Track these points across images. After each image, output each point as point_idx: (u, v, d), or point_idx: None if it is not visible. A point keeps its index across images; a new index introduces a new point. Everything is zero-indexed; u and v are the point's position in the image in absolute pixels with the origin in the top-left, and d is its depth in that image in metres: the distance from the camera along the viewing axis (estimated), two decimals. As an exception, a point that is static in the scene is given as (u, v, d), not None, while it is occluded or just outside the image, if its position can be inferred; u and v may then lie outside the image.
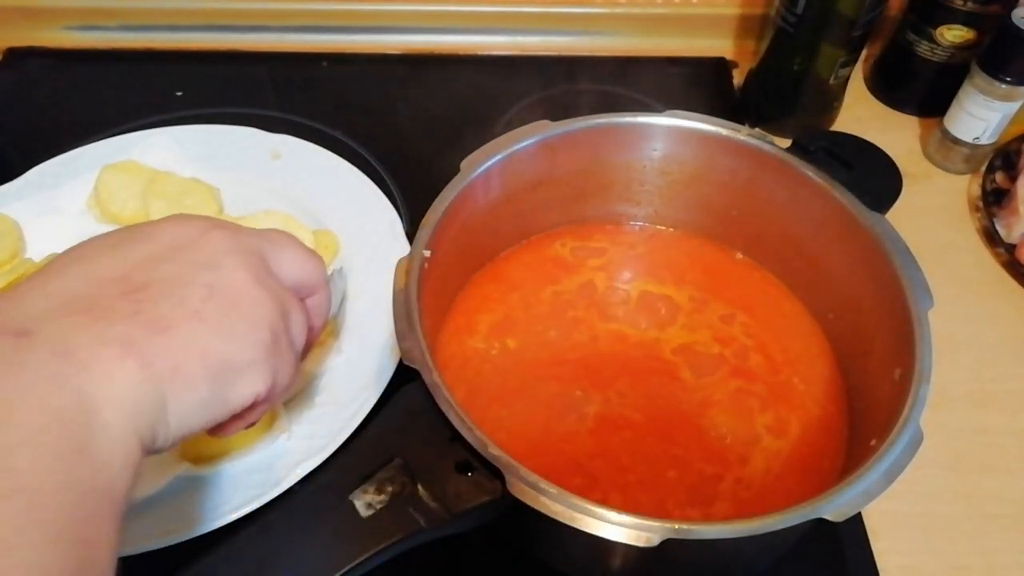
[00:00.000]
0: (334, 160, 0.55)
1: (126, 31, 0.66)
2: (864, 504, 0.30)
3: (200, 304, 0.25)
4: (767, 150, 0.42)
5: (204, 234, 0.27)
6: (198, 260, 0.26)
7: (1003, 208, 0.54)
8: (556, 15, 0.67)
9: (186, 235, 0.27)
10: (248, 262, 0.27)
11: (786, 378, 0.42)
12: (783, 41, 0.57)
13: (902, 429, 0.31)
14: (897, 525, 0.42)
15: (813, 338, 0.44)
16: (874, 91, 0.65)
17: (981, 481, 0.44)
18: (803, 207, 0.42)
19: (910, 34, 0.59)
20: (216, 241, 0.27)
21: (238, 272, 0.27)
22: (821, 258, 0.42)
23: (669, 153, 0.44)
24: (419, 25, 0.67)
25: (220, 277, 0.26)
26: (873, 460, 0.30)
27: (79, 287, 0.24)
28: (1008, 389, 0.48)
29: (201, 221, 0.28)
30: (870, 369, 0.39)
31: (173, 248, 0.26)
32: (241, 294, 0.26)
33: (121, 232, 0.27)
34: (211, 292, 0.26)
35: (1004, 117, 0.55)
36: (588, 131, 0.43)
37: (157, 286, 0.25)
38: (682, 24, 0.67)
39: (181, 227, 0.27)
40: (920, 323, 0.35)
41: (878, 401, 0.36)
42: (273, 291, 0.28)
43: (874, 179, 0.41)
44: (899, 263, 0.37)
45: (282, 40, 0.67)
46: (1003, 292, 0.53)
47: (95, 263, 0.25)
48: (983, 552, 0.41)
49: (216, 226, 0.28)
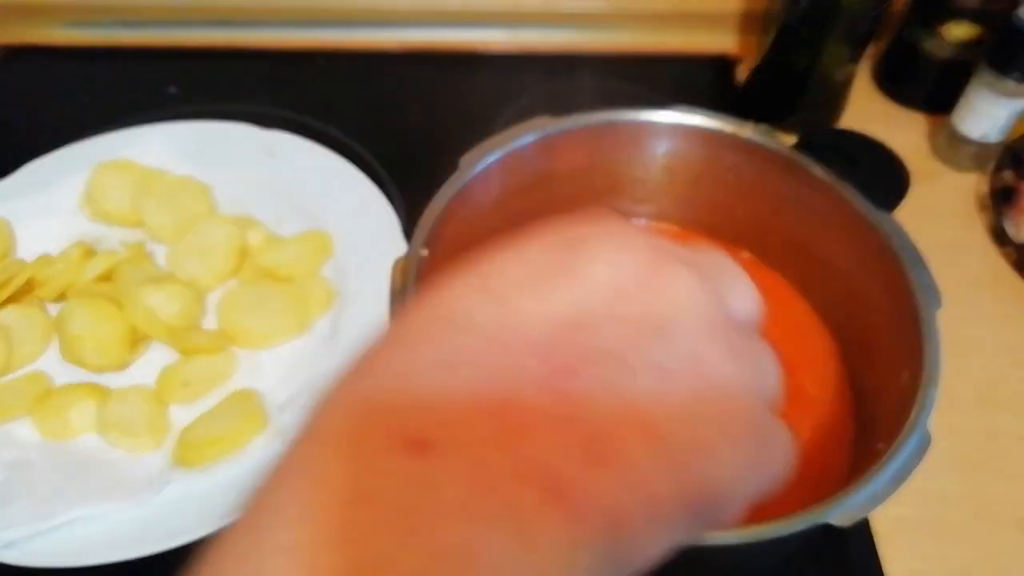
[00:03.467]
0: (330, 157, 0.54)
1: (119, 27, 0.66)
2: (871, 509, 0.29)
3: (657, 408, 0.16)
4: (772, 147, 0.41)
5: (658, 274, 0.17)
6: (649, 322, 0.16)
7: (1012, 207, 0.54)
8: (557, 11, 0.66)
9: (629, 275, 0.17)
10: (719, 323, 0.17)
11: (794, 379, 0.41)
12: (787, 37, 0.56)
13: (910, 433, 0.31)
14: (905, 530, 0.41)
15: (821, 339, 0.43)
16: (880, 88, 0.64)
17: (990, 485, 0.43)
18: (809, 205, 0.41)
19: (916, 30, 0.58)
20: (677, 288, 0.17)
21: (711, 345, 0.17)
22: (828, 257, 0.42)
23: (672, 150, 0.43)
24: (417, 20, 0.66)
25: (683, 353, 0.16)
26: (880, 464, 0.30)
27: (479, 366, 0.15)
28: (1018, 391, 0.47)
29: (646, 249, 0.17)
30: (878, 371, 0.38)
31: (613, 297, 0.16)
32: (715, 382, 0.16)
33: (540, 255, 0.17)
34: (670, 382, 0.16)
35: (1012, 114, 0.54)
36: (589, 128, 0.42)
37: (590, 373, 0.15)
38: (684, 20, 0.66)
39: (621, 257, 0.17)
40: (928, 324, 0.34)
41: (886, 404, 0.36)
42: (751, 360, 0.18)
43: (880, 177, 0.41)
44: (907, 262, 0.36)
45: (277, 36, 0.66)
46: (1012, 292, 0.52)
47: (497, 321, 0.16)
48: (992, 557, 0.40)
49: (669, 258, 0.17)
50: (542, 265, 0.17)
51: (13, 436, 0.42)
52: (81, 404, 0.42)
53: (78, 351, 0.43)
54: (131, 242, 0.49)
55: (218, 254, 0.48)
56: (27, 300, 0.47)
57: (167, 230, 0.49)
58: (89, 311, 0.44)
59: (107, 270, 0.47)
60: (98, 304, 0.44)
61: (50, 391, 0.43)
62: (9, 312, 0.46)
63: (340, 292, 0.47)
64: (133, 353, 0.45)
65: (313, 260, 0.48)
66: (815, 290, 0.44)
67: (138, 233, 0.51)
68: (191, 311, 0.46)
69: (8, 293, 0.45)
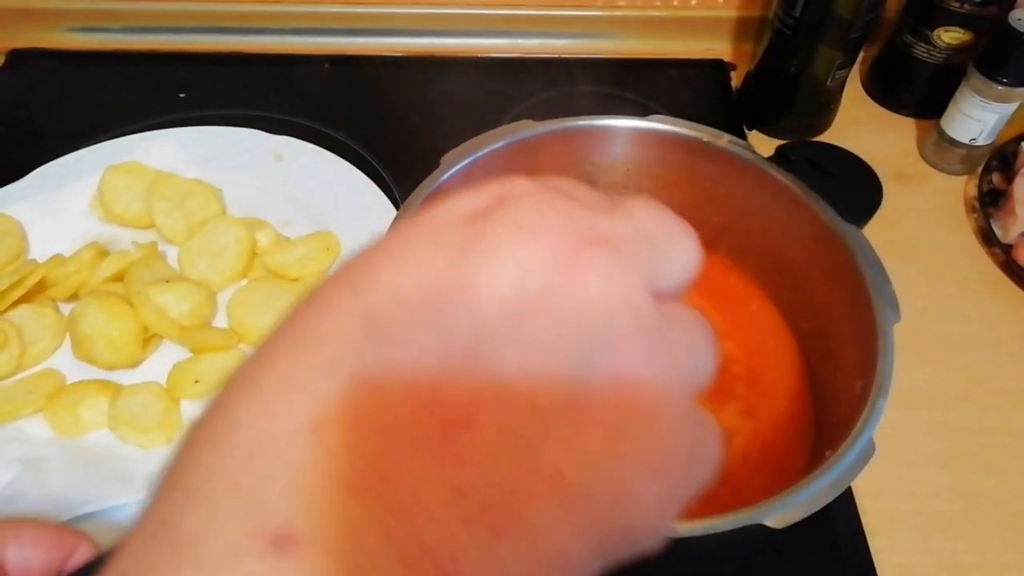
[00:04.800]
0: (336, 162, 0.55)
1: (129, 33, 0.66)
2: (807, 512, 0.29)
3: (562, 452, 0.13)
4: (746, 157, 0.42)
5: (564, 274, 0.13)
6: (558, 340, 0.13)
7: (1000, 209, 0.55)
8: (556, 17, 0.67)
9: (534, 282, 0.13)
10: (642, 319, 0.14)
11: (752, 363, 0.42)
12: (781, 43, 0.57)
13: (854, 441, 0.31)
14: (894, 524, 0.42)
15: (783, 340, 0.43)
16: (871, 93, 0.65)
17: (978, 480, 0.44)
18: (779, 215, 0.42)
19: (907, 36, 0.59)
20: (589, 293, 0.13)
21: (633, 352, 0.14)
22: (795, 266, 0.42)
23: (652, 157, 0.44)
24: (421, 28, 0.67)
25: (603, 379, 0.13)
26: (821, 470, 0.30)
27: (355, 408, 0.12)
28: (1005, 388, 0.48)
29: (559, 231, 0.14)
30: (836, 380, 0.39)
31: (512, 314, 0.13)
32: (640, 401, 0.14)
33: (429, 257, 0.14)
34: (581, 413, 0.13)
35: (1001, 118, 0.55)
36: (570, 132, 0.43)
37: (485, 419, 0.13)
38: (681, 26, 0.67)
39: (530, 250, 0.13)
40: (884, 336, 0.34)
41: (839, 412, 0.36)
42: (681, 349, 0.15)
43: (855, 190, 0.41)
44: (869, 275, 0.36)
45: (284, 42, 0.67)
46: (1000, 292, 0.53)
47: (388, 347, 0.13)
48: (980, 551, 0.41)
49: (579, 246, 0.14)
50: (434, 275, 0.13)
51: (26, 433, 0.43)
52: (93, 401, 0.43)
53: (90, 349, 0.44)
54: (142, 243, 0.50)
55: (228, 255, 0.49)
56: (39, 300, 0.48)
57: (178, 232, 0.50)
58: (101, 310, 0.45)
59: (119, 271, 0.48)
60: (110, 303, 0.45)
61: (62, 388, 0.44)
62: (22, 312, 0.46)
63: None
64: (145, 351, 0.46)
65: (320, 261, 0.49)
66: (784, 297, 0.44)
67: (149, 235, 0.52)
68: (202, 310, 0.47)
69: (21, 293, 0.46)
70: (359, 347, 0.13)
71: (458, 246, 0.14)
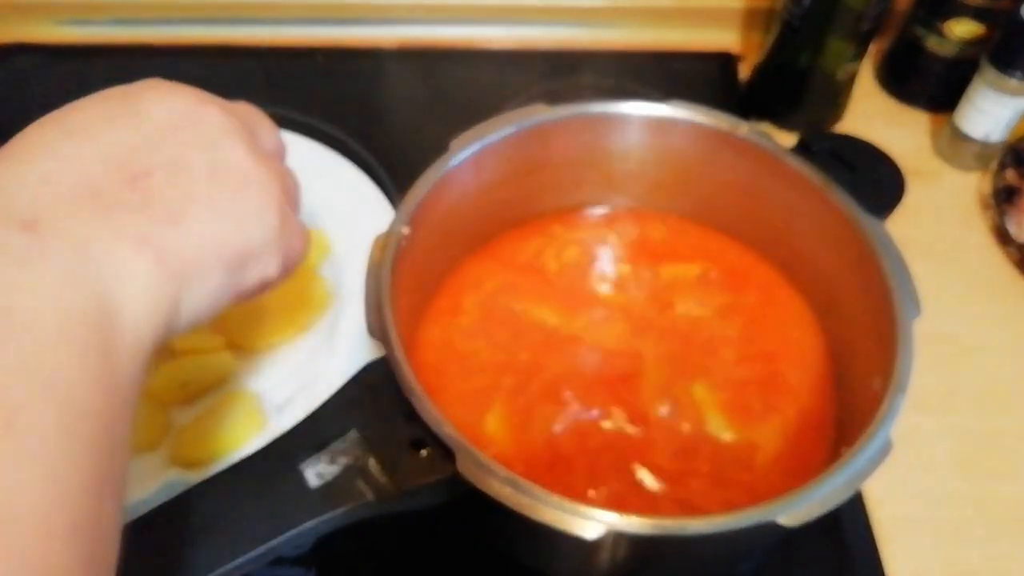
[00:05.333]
0: (328, 155, 0.54)
1: (116, 25, 0.65)
2: (822, 511, 0.28)
3: (207, 190, 0.24)
4: (766, 147, 0.40)
5: (197, 110, 0.25)
6: (196, 141, 0.25)
7: (1014, 206, 0.53)
8: (558, 7, 0.65)
9: (178, 112, 0.25)
10: (244, 139, 0.26)
11: (781, 372, 0.41)
12: (789, 35, 0.56)
13: (870, 439, 0.30)
14: (906, 530, 0.41)
15: (809, 332, 0.42)
16: (883, 86, 0.64)
17: (992, 486, 0.43)
18: (800, 206, 0.41)
19: (919, 28, 0.58)
20: (212, 119, 0.25)
21: (238, 151, 0.25)
22: (817, 258, 0.41)
23: (669, 144, 0.43)
24: (416, 17, 0.66)
25: (222, 158, 0.25)
26: (836, 467, 0.29)
27: (77, 171, 0.22)
28: (1020, 391, 0.47)
29: (189, 94, 0.26)
30: (856, 375, 0.38)
31: (168, 128, 0.24)
32: (246, 175, 0.25)
33: (105, 104, 0.25)
34: (215, 175, 0.24)
35: (1015, 113, 0.54)
36: (584, 118, 0.42)
37: (160, 173, 0.23)
38: (687, 17, 0.66)
39: (170, 102, 0.25)
40: (904, 333, 0.33)
41: (858, 409, 0.35)
42: (272, 167, 0.27)
43: (877, 183, 0.40)
44: (889, 269, 0.35)
45: (275, 33, 0.66)
46: (1014, 291, 0.52)
47: (89, 143, 0.23)
48: (993, 558, 0.40)
49: (205, 100, 0.26)
50: (112, 110, 0.24)
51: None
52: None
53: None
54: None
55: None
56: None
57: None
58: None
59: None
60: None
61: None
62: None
63: (338, 292, 0.47)
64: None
65: (311, 259, 0.48)
66: (807, 289, 0.43)
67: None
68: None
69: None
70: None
71: (126, 99, 0.25)
